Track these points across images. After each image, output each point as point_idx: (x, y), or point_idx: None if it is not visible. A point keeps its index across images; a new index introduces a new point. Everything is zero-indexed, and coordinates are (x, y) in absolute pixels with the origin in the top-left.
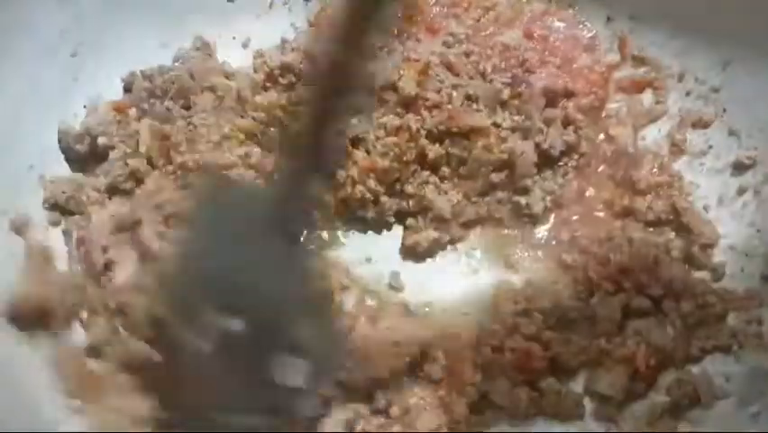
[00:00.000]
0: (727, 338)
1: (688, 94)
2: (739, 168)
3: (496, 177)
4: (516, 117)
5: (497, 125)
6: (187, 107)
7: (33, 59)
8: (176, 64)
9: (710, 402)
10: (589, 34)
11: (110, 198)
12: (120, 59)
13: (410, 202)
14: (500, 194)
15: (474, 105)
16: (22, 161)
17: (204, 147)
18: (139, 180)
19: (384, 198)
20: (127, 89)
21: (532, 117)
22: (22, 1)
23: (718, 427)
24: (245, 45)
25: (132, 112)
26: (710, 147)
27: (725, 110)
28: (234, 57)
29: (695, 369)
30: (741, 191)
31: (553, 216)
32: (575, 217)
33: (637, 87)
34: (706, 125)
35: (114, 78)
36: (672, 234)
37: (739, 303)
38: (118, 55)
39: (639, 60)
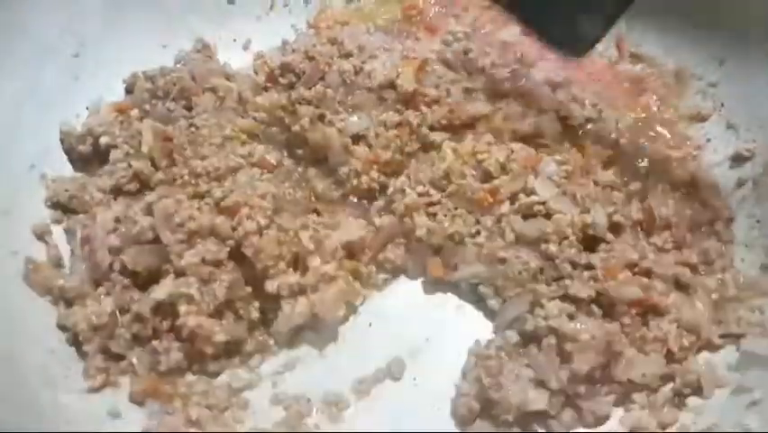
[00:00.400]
0: (736, 326)
1: (686, 89)
2: (738, 160)
3: None
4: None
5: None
6: (189, 108)
7: (34, 58)
8: (177, 66)
9: (712, 391)
10: None
11: (115, 199)
12: (120, 59)
13: None
14: None
15: (474, 94)
16: (23, 161)
17: (207, 150)
18: (143, 183)
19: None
20: (129, 90)
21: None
22: (23, 1)
23: (718, 414)
24: (246, 47)
25: (134, 113)
26: (709, 140)
27: (723, 104)
28: (235, 58)
29: (699, 359)
30: (740, 183)
31: None
32: None
33: (634, 82)
34: (704, 119)
35: (114, 78)
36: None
37: (745, 292)
38: (119, 55)
39: (637, 57)
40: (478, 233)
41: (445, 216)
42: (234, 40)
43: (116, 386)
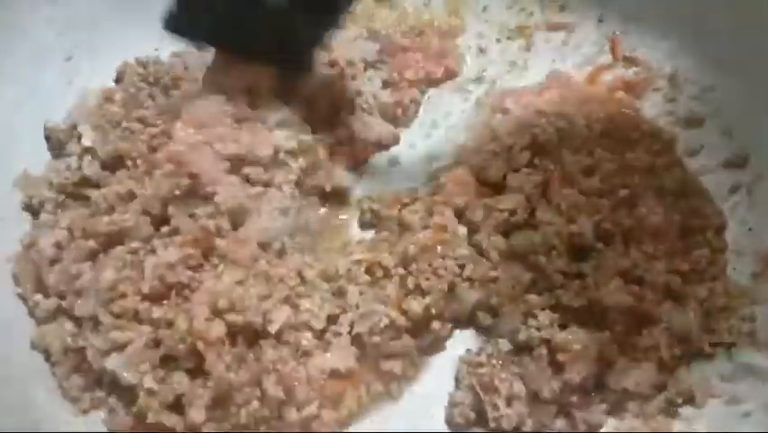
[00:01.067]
0: (728, 335)
1: (680, 94)
2: (731, 166)
3: None
4: None
5: None
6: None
7: (30, 62)
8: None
9: (704, 401)
10: None
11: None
12: (115, 62)
13: None
14: None
15: None
16: (19, 165)
17: None
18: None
19: None
20: (119, 79)
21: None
22: (18, 3)
23: (711, 424)
24: None
25: (118, 97)
26: (702, 146)
27: (716, 110)
28: None
29: (691, 368)
30: (733, 189)
31: None
32: None
33: (628, 87)
34: (698, 125)
35: (108, 82)
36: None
37: (736, 300)
38: (113, 58)
39: (631, 61)
40: (462, 267)
41: (427, 279)
42: None
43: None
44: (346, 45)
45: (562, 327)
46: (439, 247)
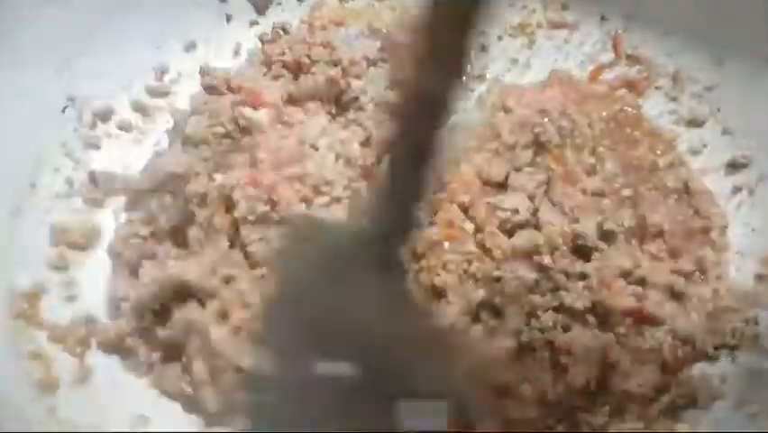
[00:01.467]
0: (731, 337)
1: (682, 92)
2: (734, 167)
3: None
4: None
5: None
6: None
7: (31, 68)
8: None
9: (707, 403)
10: None
11: None
12: (113, 64)
13: None
14: None
15: None
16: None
17: None
18: None
19: None
20: None
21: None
22: (19, 3)
23: (715, 427)
24: (238, 49)
25: None
26: (704, 146)
27: (719, 109)
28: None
29: (693, 370)
30: (735, 190)
31: None
32: None
33: (630, 85)
34: (700, 124)
35: (108, 83)
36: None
37: (740, 302)
38: (112, 61)
39: (633, 59)
40: (470, 263)
41: (438, 275)
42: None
43: None
44: (347, 43)
45: (565, 328)
46: (447, 243)
